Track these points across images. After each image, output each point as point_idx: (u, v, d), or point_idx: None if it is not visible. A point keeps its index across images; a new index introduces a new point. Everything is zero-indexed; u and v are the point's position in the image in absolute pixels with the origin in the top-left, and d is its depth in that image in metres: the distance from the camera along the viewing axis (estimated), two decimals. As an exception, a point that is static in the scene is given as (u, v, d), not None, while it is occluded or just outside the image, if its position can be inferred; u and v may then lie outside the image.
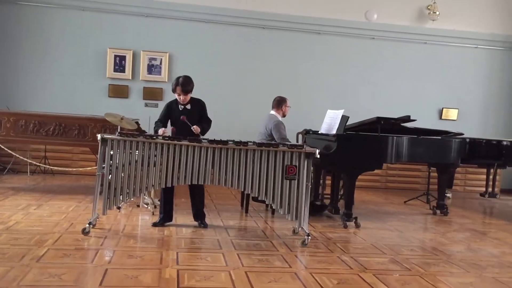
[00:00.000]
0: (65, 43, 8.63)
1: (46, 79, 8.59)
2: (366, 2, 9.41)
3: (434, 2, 9.40)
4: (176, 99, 5.05)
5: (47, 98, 8.52)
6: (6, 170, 8.12)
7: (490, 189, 8.74)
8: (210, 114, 5.18)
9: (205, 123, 5.08)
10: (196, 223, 5.13)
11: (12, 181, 7.45)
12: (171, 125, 5.08)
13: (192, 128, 4.90)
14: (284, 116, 6.17)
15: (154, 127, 5.06)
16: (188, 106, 5.04)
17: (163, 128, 4.94)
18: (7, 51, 8.48)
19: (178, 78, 4.97)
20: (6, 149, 6.64)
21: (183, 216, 5.47)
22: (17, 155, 6.96)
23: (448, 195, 8.23)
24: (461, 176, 9.55)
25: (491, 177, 8.64)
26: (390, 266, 4.09)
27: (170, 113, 5.07)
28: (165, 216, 5.05)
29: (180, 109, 5.03)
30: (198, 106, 5.09)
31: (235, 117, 8.86)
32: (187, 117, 4.95)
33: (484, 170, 8.82)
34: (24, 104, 8.28)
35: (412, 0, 9.55)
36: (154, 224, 4.99)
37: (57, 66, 8.62)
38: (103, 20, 8.70)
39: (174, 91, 4.99)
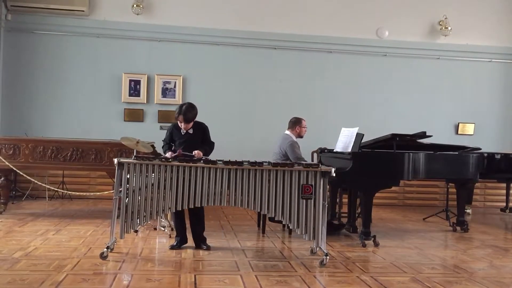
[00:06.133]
0: (80, 69, 8.78)
1: (62, 106, 8.73)
2: (377, 19, 9.44)
3: (446, 18, 9.39)
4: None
5: (64, 124, 8.65)
6: (25, 196, 8.22)
7: (511, 204, 8.60)
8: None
9: (207, 146, 5.12)
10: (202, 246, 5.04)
11: (31, 206, 7.52)
12: (175, 147, 5.14)
13: (193, 153, 4.89)
14: (299, 137, 6.18)
15: (163, 147, 5.21)
16: (190, 131, 5.08)
17: (170, 152, 5.00)
18: (24, 79, 8.65)
19: (181, 106, 5.00)
20: (24, 175, 6.72)
21: (200, 238, 5.44)
22: (36, 181, 7.03)
23: (468, 211, 8.09)
24: (480, 191, 9.39)
25: (511, 191, 8.50)
26: (411, 285, 4.02)
27: (173, 137, 5.15)
28: (181, 239, 5.06)
29: (183, 133, 5.07)
30: (200, 130, 5.14)
31: (248, 138, 8.87)
32: (189, 141, 5.00)
33: (504, 185, 8.70)
34: (42, 130, 8.40)
35: (423, 16, 9.56)
36: (172, 247, 4.99)
37: (73, 92, 8.76)
38: (117, 46, 8.86)
39: (176, 118, 5.04)
